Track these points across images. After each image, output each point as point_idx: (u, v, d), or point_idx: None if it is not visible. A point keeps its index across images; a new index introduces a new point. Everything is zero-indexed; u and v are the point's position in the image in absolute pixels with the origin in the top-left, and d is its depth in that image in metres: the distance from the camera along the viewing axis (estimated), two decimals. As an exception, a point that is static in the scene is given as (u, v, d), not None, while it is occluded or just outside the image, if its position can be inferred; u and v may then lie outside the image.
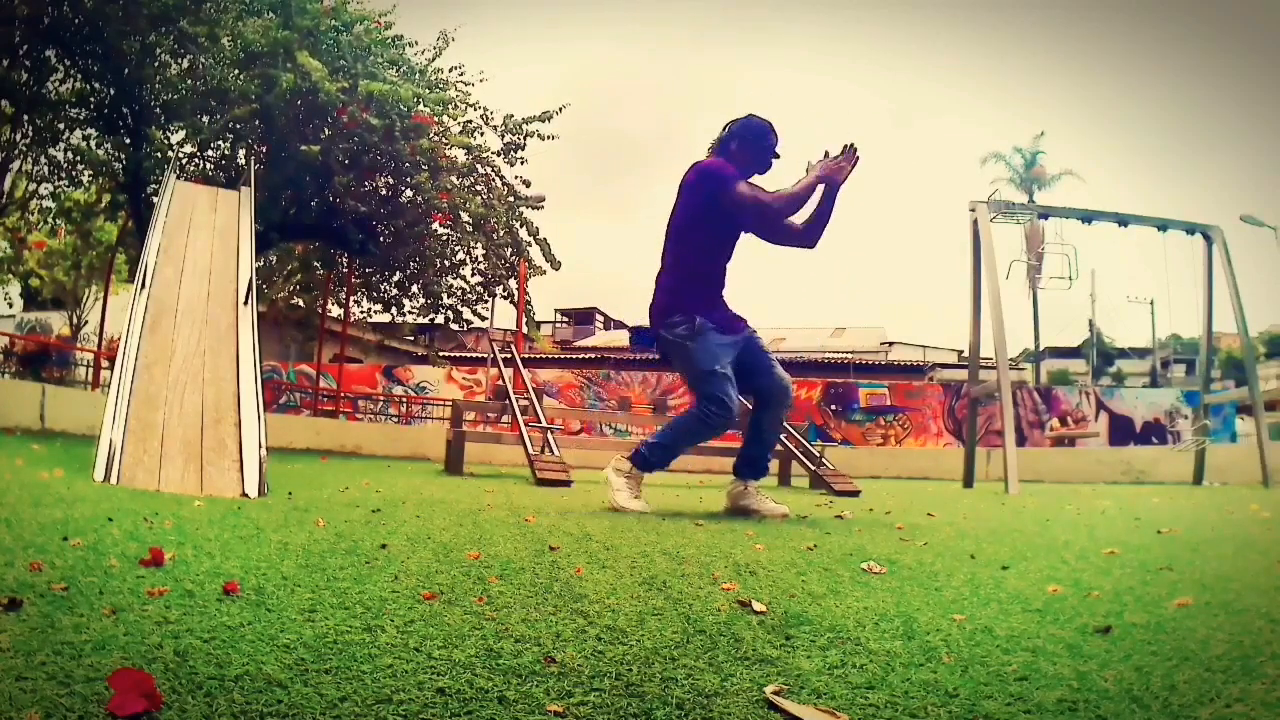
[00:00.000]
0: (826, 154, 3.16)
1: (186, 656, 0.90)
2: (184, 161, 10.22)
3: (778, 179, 3.21)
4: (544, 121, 11.22)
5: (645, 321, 3.33)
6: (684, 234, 3.17)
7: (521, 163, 11.43)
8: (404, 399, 17.84)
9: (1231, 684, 0.93)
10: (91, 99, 10.29)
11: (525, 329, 13.11)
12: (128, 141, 10.09)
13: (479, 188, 11.30)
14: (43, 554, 1.39)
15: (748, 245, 3.28)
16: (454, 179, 10.77)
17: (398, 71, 10.65)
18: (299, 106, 9.89)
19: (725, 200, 3.08)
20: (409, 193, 10.97)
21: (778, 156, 3.23)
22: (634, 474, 3.18)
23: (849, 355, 24.72)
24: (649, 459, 3.20)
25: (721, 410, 3.05)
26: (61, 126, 10.50)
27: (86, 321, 21.23)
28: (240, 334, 4.31)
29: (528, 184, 11.69)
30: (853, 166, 3.17)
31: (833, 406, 17.44)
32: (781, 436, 7.29)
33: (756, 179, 3.17)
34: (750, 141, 3.17)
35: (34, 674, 0.81)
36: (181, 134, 10.33)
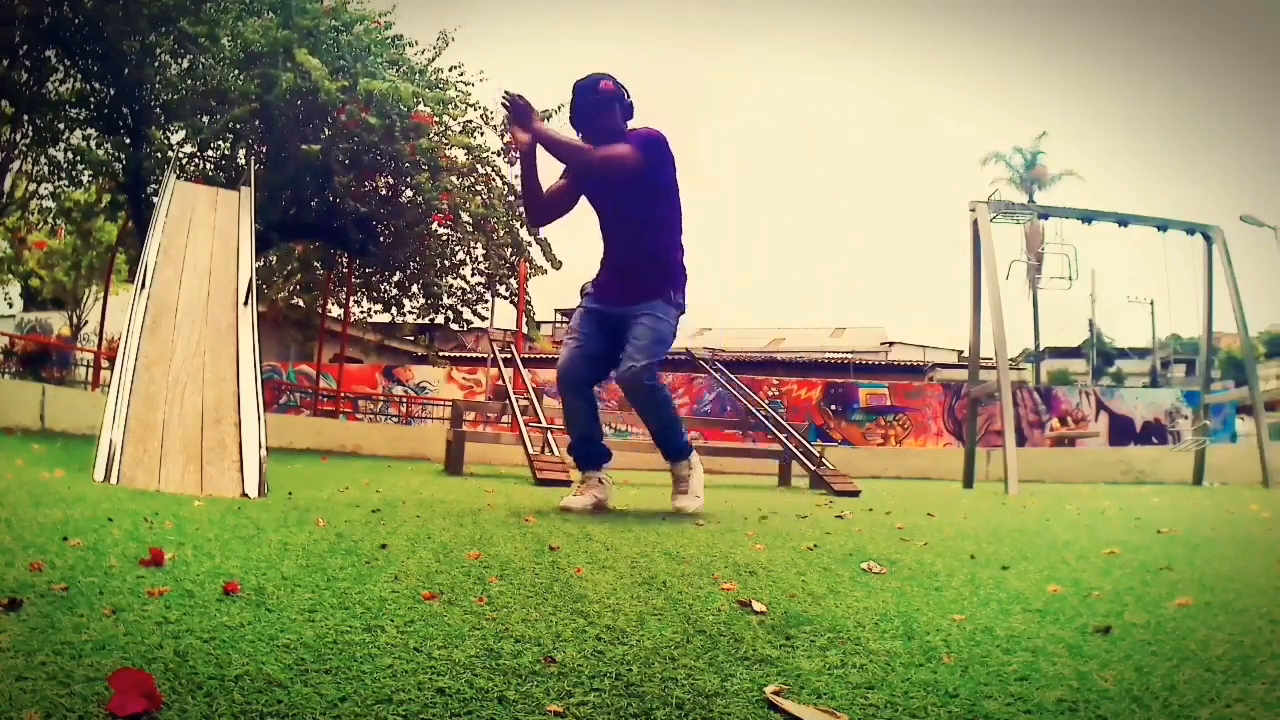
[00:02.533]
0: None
1: (186, 656, 0.90)
2: (184, 161, 10.22)
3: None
4: (544, 120, 11.21)
5: None
6: None
7: (522, 162, 11.42)
8: (404, 399, 17.85)
9: (1231, 684, 0.93)
10: (91, 99, 10.29)
11: (525, 329, 13.10)
12: (128, 141, 10.09)
13: (479, 188, 11.29)
14: (43, 554, 1.39)
15: (747, 246, 3.28)
16: (454, 179, 10.77)
17: (397, 71, 10.65)
18: (299, 106, 9.89)
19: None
20: (409, 193, 10.97)
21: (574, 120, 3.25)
22: (582, 476, 3.23)
23: (849, 355, 24.73)
24: (570, 451, 3.35)
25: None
26: (61, 126, 10.50)
27: (86, 321, 21.23)
28: (240, 334, 4.30)
29: (528, 183, 11.67)
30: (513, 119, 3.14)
31: (833, 406, 17.45)
32: (782, 437, 7.29)
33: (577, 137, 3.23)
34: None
35: (34, 674, 0.81)
36: (181, 134, 10.33)
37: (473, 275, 12.26)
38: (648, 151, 3.05)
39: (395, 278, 12.66)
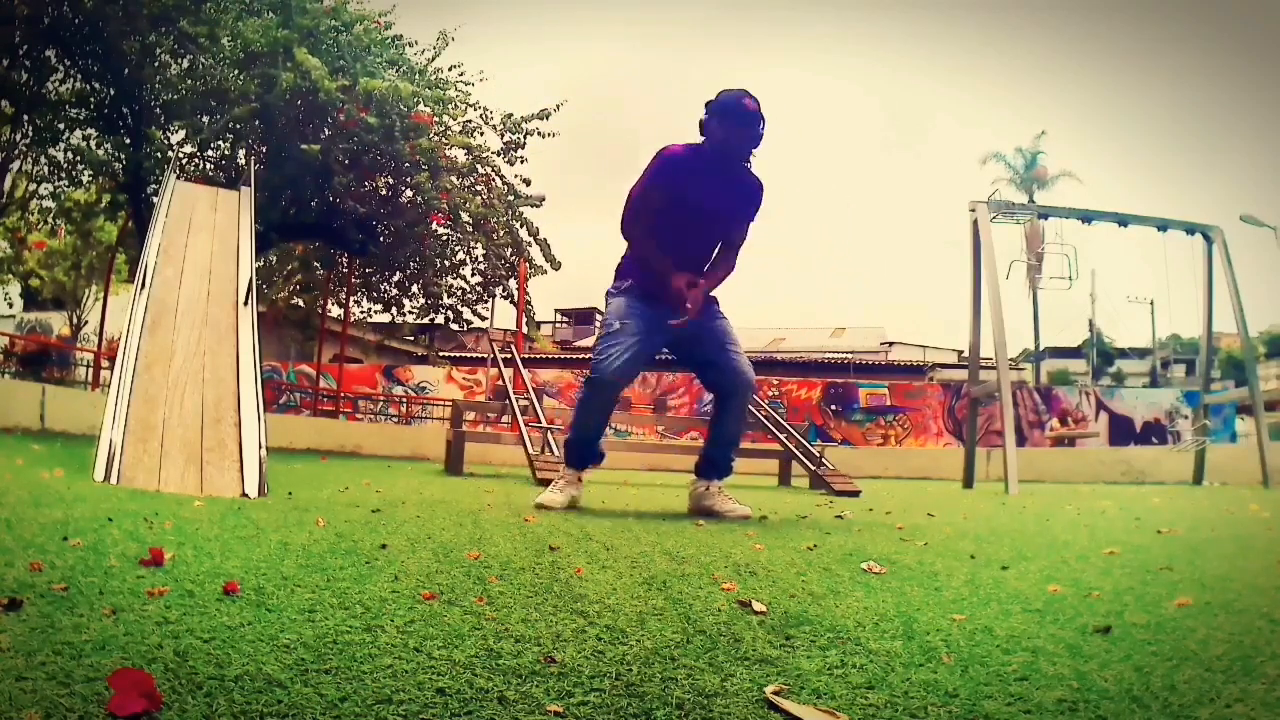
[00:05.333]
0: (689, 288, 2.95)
1: (186, 656, 0.90)
2: (184, 161, 10.22)
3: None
4: (543, 119, 11.23)
5: None
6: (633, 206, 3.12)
7: (521, 162, 11.44)
8: (404, 399, 17.85)
9: (1231, 684, 0.93)
10: (91, 99, 10.30)
11: (525, 329, 13.11)
12: (128, 141, 10.09)
13: (479, 188, 11.30)
14: (43, 554, 1.39)
15: (747, 245, 3.24)
16: (454, 179, 10.78)
17: (397, 71, 10.65)
18: (299, 106, 9.90)
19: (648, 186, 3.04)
20: (409, 193, 10.97)
21: (757, 136, 3.01)
22: (567, 474, 3.20)
23: (849, 355, 24.74)
24: (567, 451, 3.27)
25: (596, 370, 2.98)
26: (61, 126, 10.50)
27: (86, 321, 21.25)
28: (240, 334, 4.30)
29: (528, 183, 11.69)
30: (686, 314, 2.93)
31: (833, 406, 17.45)
32: (782, 436, 7.29)
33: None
34: (724, 116, 2.97)
35: (34, 674, 0.81)
36: (181, 134, 10.34)
37: (473, 275, 12.28)
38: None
39: (395, 278, 12.66)
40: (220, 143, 10.99)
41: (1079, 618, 1.26)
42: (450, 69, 11.34)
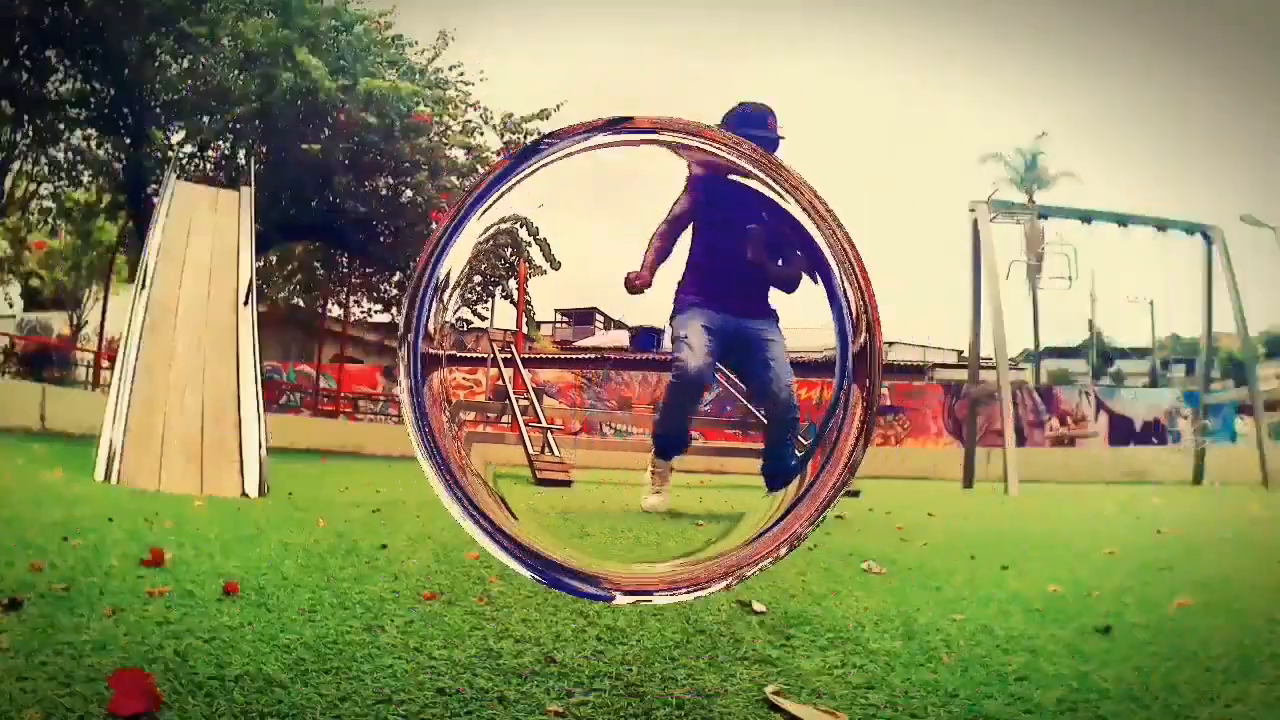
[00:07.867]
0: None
1: (186, 656, 0.89)
2: (184, 161, 10.22)
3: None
4: (543, 119, 11.24)
5: (646, 321, 3.29)
6: None
7: (521, 161, 11.43)
8: (404, 399, 17.82)
9: (1231, 684, 0.93)
10: (91, 99, 10.30)
11: (525, 329, 13.11)
12: (128, 141, 10.10)
13: (479, 188, 11.30)
14: (43, 554, 1.39)
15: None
16: (454, 179, 10.78)
17: (397, 72, 10.66)
18: (299, 106, 9.90)
19: None
20: (409, 193, 10.98)
21: (774, 140, 3.12)
22: (658, 465, 3.17)
23: (849, 355, 24.66)
24: (657, 442, 3.27)
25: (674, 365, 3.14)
26: (61, 126, 10.51)
27: (86, 322, 21.24)
28: (240, 334, 4.30)
29: (527, 183, 11.68)
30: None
31: (833, 406, 17.42)
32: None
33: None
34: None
35: (34, 674, 0.81)
36: (181, 134, 10.35)
37: (472, 275, 12.27)
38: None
39: (395, 278, 12.67)
40: (220, 143, 11.00)
41: (1079, 618, 1.26)
42: (450, 69, 11.35)
